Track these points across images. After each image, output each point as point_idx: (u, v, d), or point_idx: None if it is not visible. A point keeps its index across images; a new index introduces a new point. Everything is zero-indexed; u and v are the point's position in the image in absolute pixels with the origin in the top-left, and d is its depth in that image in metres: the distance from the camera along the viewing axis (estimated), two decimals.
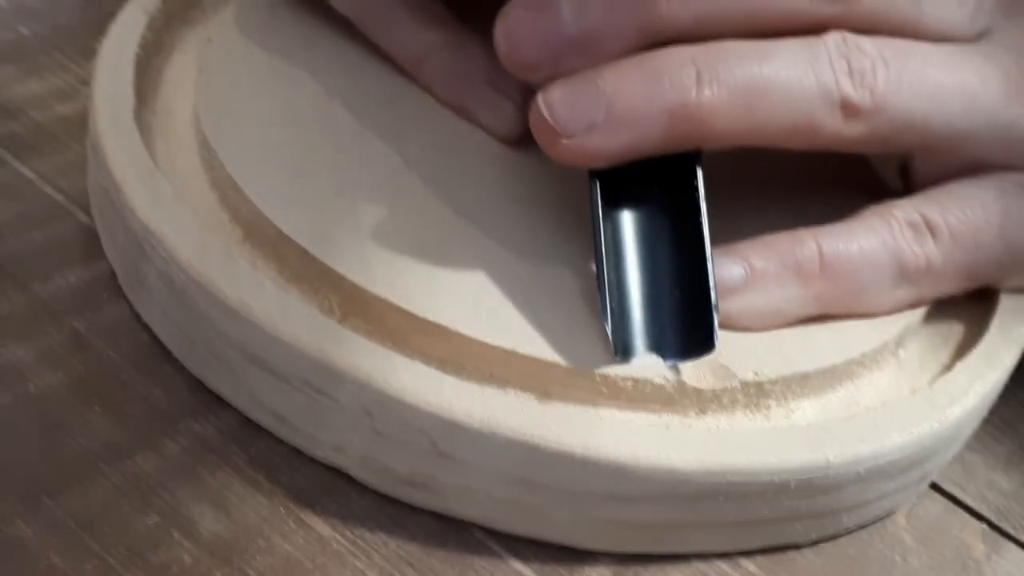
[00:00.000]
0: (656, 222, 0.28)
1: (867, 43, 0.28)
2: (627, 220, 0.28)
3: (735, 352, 0.27)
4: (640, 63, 0.27)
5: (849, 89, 0.27)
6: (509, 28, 0.27)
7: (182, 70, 0.33)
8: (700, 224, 0.27)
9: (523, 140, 0.32)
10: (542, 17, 0.27)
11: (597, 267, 0.27)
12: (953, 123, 0.29)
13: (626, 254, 0.27)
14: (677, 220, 0.27)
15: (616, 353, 0.26)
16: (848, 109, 0.28)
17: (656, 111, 0.26)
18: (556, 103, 0.27)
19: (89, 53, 0.31)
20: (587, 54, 0.27)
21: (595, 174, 0.27)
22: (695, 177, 0.28)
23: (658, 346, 0.26)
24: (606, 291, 0.26)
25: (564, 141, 0.27)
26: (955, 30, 0.29)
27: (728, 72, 0.27)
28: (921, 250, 0.29)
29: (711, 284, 0.27)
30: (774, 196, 0.31)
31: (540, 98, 0.27)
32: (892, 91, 0.28)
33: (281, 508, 0.25)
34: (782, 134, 0.28)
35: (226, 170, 0.28)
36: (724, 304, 0.27)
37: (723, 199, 0.28)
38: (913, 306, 0.30)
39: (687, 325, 0.26)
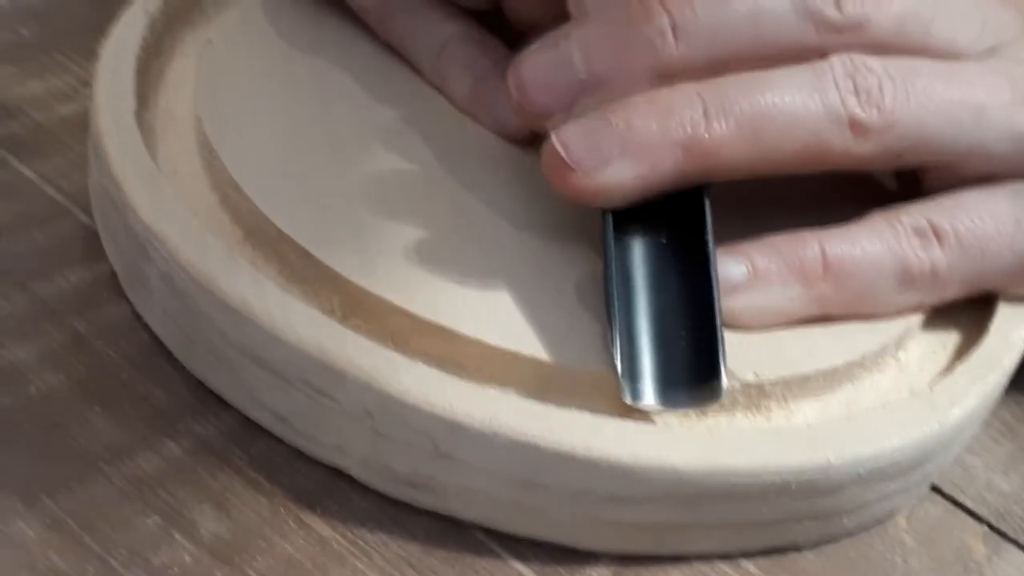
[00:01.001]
0: (666, 265, 0.28)
1: (873, 62, 0.28)
2: (637, 261, 0.28)
3: (736, 353, 0.27)
4: (649, 101, 0.27)
5: (856, 108, 0.28)
6: (521, 77, 0.28)
7: (183, 72, 0.33)
8: (709, 269, 0.27)
9: (524, 140, 0.32)
10: (554, 65, 0.28)
11: (608, 313, 0.27)
12: (963, 136, 0.29)
13: (636, 297, 0.27)
14: (686, 262, 0.28)
15: (626, 399, 0.26)
16: (857, 127, 0.28)
17: (668, 145, 0.27)
18: (571, 141, 0.27)
19: (90, 54, 0.31)
20: (599, 98, 0.27)
21: (609, 218, 0.28)
22: (704, 218, 0.28)
23: (666, 394, 0.26)
24: (617, 336, 0.26)
25: (579, 178, 0.27)
26: (963, 50, 0.30)
27: (733, 104, 0.27)
28: (926, 256, 0.29)
29: (719, 336, 0.26)
30: (778, 198, 0.31)
31: (554, 137, 0.27)
32: (900, 107, 0.28)
33: (281, 508, 0.25)
34: (793, 158, 0.28)
35: (227, 171, 0.28)
36: (726, 302, 0.27)
37: (727, 200, 0.28)
38: (916, 310, 0.30)
39: (695, 376, 0.26)
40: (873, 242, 0.29)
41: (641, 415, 0.26)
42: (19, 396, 0.26)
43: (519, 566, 0.25)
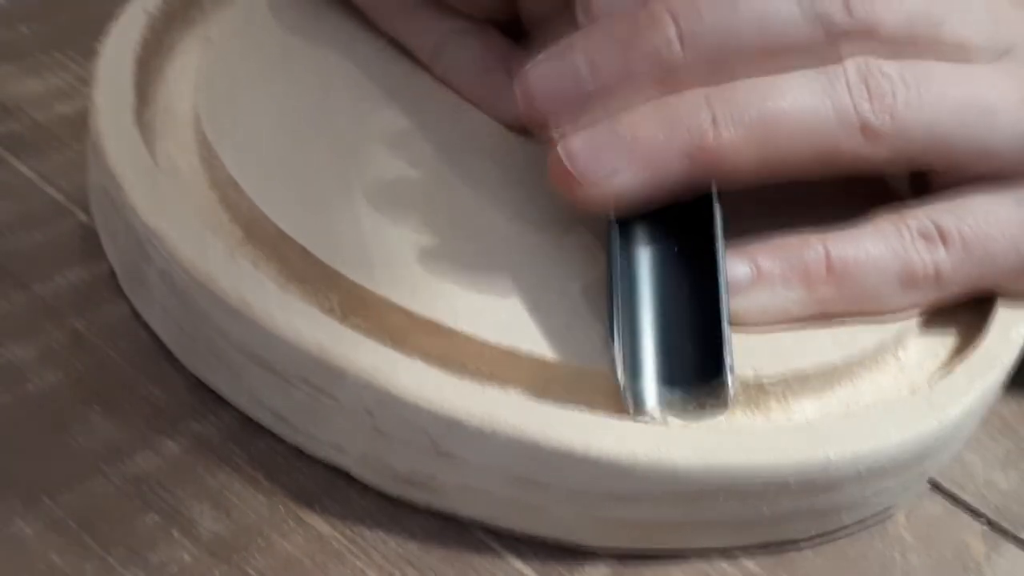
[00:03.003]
0: (673, 273, 0.27)
1: (887, 66, 0.28)
2: (643, 268, 0.27)
3: (735, 351, 0.27)
4: (656, 109, 0.27)
5: (868, 113, 0.28)
6: (528, 87, 0.28)
7: (182, 70, 0.33)
8: (717, 278, 0.27)
9: (525, 140, 0.32)
10: (561, 76, 0.28)
11: (610, 320, 0.26)
12: (974, 142, 0.29)
13: (641, 304, 0.27)
14: (694, 271, 0.27)
15: (628, 409, 0.25)
16: (868, 133, 0.28)
17: (675, 155, 0.27)
18: (577, 152, 0.27)
19: (89, 53, 0.31)
20: (606, 105, 0.27)
21: (616, 227, 0.27)
22: (714, 223, 0.27)
23: (671, 404, 0.26)
24: (618, 343, 0.26)
25: (585, 190, 0.27)
26: (976, 51, 0.29)
27: (743, 110, 0.27)
28: (931, 258, 0.29)
29: (727, 346, 0.26)
30: (784, 196, 0.31)
31: (560, 148, 0.27)
32: (912, 114, 0.28)
33: (281, 507, 0.25)
34: (804, 163, 0.28)
35: (226, 169, 0.28)
36: (730, 302, 0.27)
37: (733, 198, 0.28)
38: (916, 310, 0.30)
39: (701, 386, 0.26)
40: (877, 244, 0.29)
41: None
42: (18, 395, 0.26)
43: (518, 564, 0.25)
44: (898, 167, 0.30)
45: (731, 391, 0.25)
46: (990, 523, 0.30)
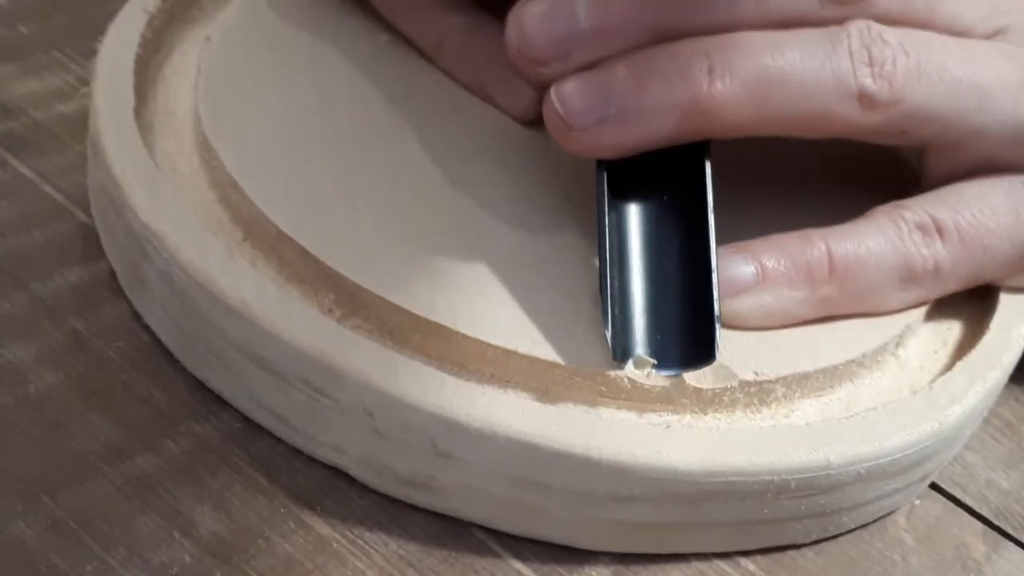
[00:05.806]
0: (663, 227, 0.28)
1: (889, 34, 0.28)
2: (634, 223, 0.28)
3: (735, 352, 0.27)
4: (653, 57, 0.27)
5: (868, 80, 0.27)
6: (520, 23, 0.27)
7: (182, 69, 0.33)
8: (707, 233, 0.27)
9: (524, 141, 0.32)
10: (555, 13, 0.27)
11: (600, 270, 0.27)
12: (967, 119, 0.29)
13: (631, 258, 0.27)
14: (684, 226, 0.27)
15: (615, 359, 0.26)
16: (865, 100, 0.28)
17: (668, 106, 0.27)
18: (569, 96, 0.27)
19: (89, 52, 0.31)
20: (599, 50, 0.27)
21: (603, 173, 0.27)
22: (705, 181, 0.27)
23: (657, 354, 0.26)
24: (608, 295, 0.26)
25: (576, 135, 0.27)
26: (968, 28, 0.29)
27: (741, 64, 0.27)
28: (929, 252, 0.29)
29: (715, 295, 0.26)
30: (785, 185, 0.31)
31: (553, 90, 0.27)
32: (911, 84, 0.28)
33: (281, 508, 0.25)
34: (797, 125, 0.28)
35: (226, 169, 0.28)
36: (735, 303, 0.27)
37: (734, 190, 0.28)
38: (916, 306, 0.30)
39: (688, 335, 0.26)
40: (877, 241, 0.29)
41: (641, 409, 0.26)
42: (18, 396, 0.26)
43: (519, 565, 0.25)
44: (890, 139, 0.29)
45: (719, 344, 0.26)
46: (991, 524, 0.30)
